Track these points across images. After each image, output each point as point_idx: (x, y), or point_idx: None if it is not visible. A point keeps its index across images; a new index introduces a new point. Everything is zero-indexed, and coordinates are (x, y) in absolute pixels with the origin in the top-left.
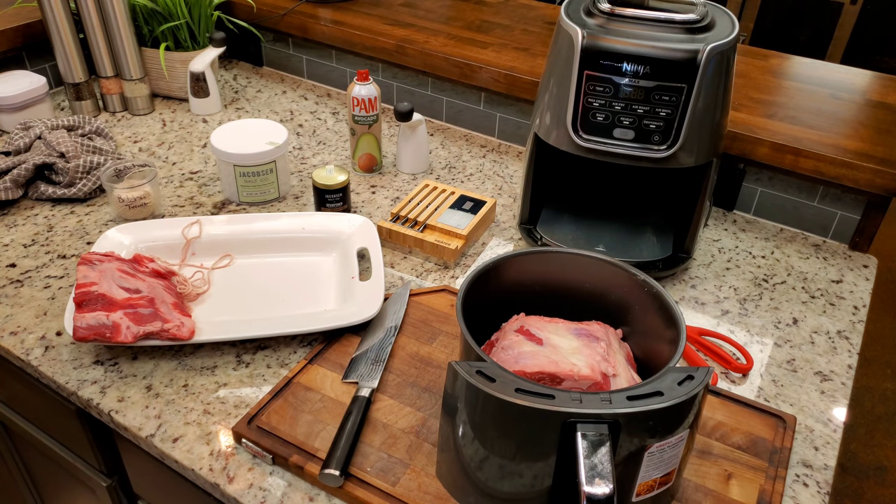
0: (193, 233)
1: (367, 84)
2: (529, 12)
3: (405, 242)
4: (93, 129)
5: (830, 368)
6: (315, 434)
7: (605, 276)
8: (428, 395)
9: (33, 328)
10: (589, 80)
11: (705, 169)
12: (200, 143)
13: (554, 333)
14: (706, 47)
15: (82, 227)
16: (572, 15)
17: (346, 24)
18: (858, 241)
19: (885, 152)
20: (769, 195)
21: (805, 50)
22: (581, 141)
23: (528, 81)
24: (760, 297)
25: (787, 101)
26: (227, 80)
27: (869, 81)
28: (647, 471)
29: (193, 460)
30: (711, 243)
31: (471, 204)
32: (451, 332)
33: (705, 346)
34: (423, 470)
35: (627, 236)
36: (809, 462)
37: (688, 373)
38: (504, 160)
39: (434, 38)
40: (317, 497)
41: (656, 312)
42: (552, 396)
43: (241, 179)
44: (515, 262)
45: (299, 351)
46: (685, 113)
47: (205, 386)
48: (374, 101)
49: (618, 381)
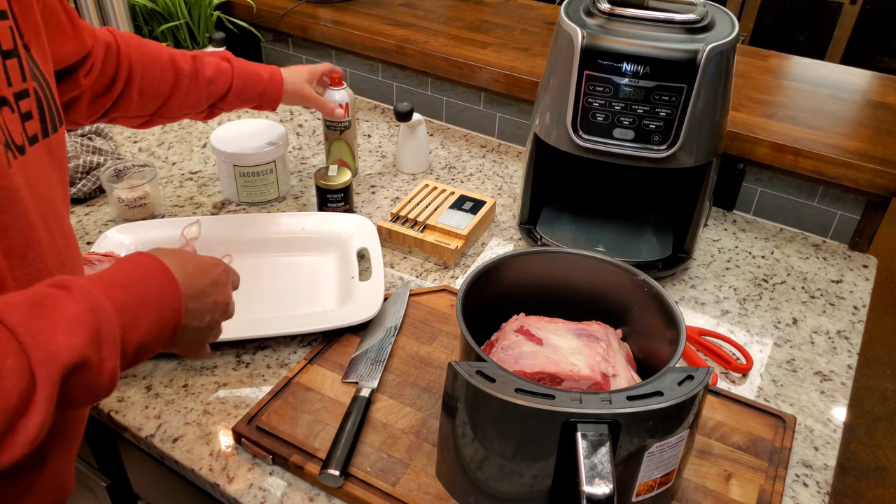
0: (193, 233)
1: (341, 89)
2: (529, 12)
3: (405, 242)
4: (92, 129)
5: (830, 368)
6: (315, 434)
7: (605, 276)
8: (428, 395)
9: None
10: (589, 80)
11: (705, 169)
12: (200, 143)
13: (554, 333)
14: (706, 47)
15: (82, 227)
16: (572, 15)
17: (346, 25)
18: (858, 241)
19: (885, 152)
20: (769, 195)
21: (805, 50)
22: (581, 141)
23: (528, 81)
24: (760, 297)
25: (787, 101)
26: None
27: (869, 81)
28: (647, 471)
29: (193, 460)
30: (711, 243)
31: (471, 204)
32: (451, 332)
33: (705, 346)
34: (423, 470)
35: (627, 236)
36: (809, 462)
37: (688, 373)
38: (504, 160)
39: (434, 38)
40: (317, 497)
41: (656, 312)
42: (552, 396)
43: (240, 179)
44: (515, 262)
45: (299, 351)
46: (685, 113)
47: (205, 386)
48: (345, 107)
49: (618, 381)
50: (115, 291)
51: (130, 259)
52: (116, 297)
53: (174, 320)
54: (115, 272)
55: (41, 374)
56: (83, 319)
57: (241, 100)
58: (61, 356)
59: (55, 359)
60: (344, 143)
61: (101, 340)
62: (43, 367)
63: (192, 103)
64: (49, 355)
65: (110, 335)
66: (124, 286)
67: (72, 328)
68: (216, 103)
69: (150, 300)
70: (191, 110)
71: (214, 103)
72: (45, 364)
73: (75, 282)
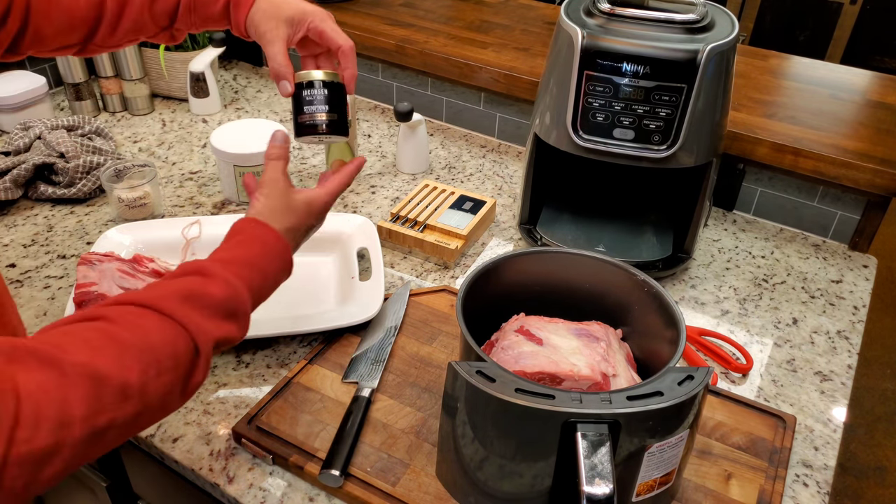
0: (193, 233)
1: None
2: (529, 12)
3: (405, 242)
4: (92, 129)
5: (830, 368)
6: (315, 434)
7: (605, 276)
8: (428, 395)
9: (33, 328)
10: (589, 80)
11: (705, 169)
12: (200, 143)
13: (554, 333)
14: (706, 47)
15: (82, 227)
16: (572, 15)
17: (346, 24)
18: (858, 241)
19: (885, 152)
20: (769, 195)
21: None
22: (581, 141)
23: (528, 81)
24: (760, 297)
25: (787, 101)
26: (226, 80)
27: (869, 81)
28: (647, 471)
29: (193, 460)
30: (711, 243)
31: (471, 204)
32: (451, 332)
33: (705, 346)
34: (423, 470)
35: (627, 236)
36: (809, 462)
37: (688, 373)
38: (504, 160)
39: (434, 38)
40: (317, 497)
41: (656, 312)
42: (552, 396)
43: (240, 179)
44: (515, 262)
45: (299, 351)
46: (685, 113)
47: (205, 386)
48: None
49: (618, 381)
50: (245, 272)
51: (250, 233)
52: (246, 276)
53: (287, 274)
54: (243, 253)
55: (203, 348)
56: (225, 305)
57: (202, 17)
58: (214, 334)
59: (210, 337)
60: (344, 143)
61: (236, 316)
62: (204, 344)
63: (133, 27)
64: (206, 335)
65: (243, 311)
66: (252, 266)
67: (217, 312)
68: (171, 24)
69: (271, 273)
70: (138, 34)
71: (168, 25)
72: (205, 342)
73: (212, 269)
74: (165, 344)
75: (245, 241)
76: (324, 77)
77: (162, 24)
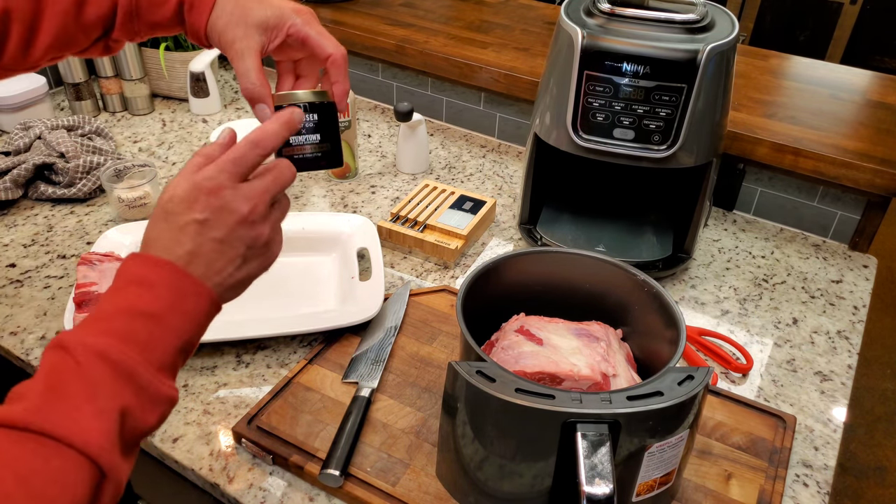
0: None
1: None
2: (529, 12)
3: (405, 242)
4: (93, 129)
5: (830, 368)
6: (315, 434)
7: (605, 276)
8: (428, 395)
9: (33, 328)
10: (589, 80)
11: (705, 169)
12: (200, 143)
13: (554, 333)
14: (706, 47)
15: (82, 227)
16: (572, 15)
17: (346, 24)
18: (858, 241)
19: (885, 152)
20: (769, 195)
21: (805, 50)
22: (581, 141)
23: (528, 81)
24: (760, 297)
25: (787, 101)
26: (227, 80)
27: (869, 81)
28: (647, 471)
29: (193, 460)
30: (711, 243)
31: (471, 204)
32: (451, 332)
33: (705, 346)
34: (423, 470)
35: (627, 236)
36: (809, 462)
37: (688, 373)
38: (504, 160)
39: (434, 38)
40: (317, 497)
41: (656, 312)
42: (552, 396)
43: None
44: (515, 262)
45: (299, 351)
46: (685, 113)
47: (205, 386)
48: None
49: (618, 381)
50: (116, 324)
51: (122, 276)
52: (117, 329)
53: (204, 303)
54: (107, 306)
55: (102, 460)
56: (96, 378)
57: (147, 24)
58: (94, 435)
59: (94, 438)
60: (344, 143)
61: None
62: (100, 454)
63: (55, 42)
64: (86, 436)
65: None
66: (124, 312)
67: (91, 393)
68: (107, 33)
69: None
70: (63, 49)
71: (102, 35)
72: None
73: (71, 338)
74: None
75: (112, 292)
76: (311, 99)
77: (94, 34)
